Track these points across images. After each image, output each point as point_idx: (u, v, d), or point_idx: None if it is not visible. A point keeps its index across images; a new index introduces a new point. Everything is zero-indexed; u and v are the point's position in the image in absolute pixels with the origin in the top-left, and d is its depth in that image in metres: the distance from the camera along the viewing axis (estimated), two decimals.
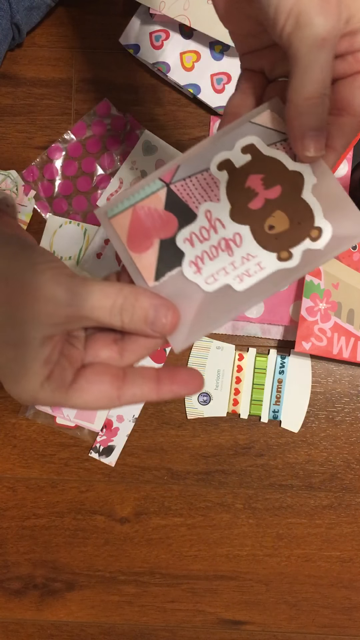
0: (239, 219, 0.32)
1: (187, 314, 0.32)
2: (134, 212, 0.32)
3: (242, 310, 0.32)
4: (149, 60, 0.61)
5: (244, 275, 0.32)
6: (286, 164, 0.32)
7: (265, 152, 0.32)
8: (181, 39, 0.61)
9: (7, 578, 0.64)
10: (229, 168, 0.32)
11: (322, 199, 0.31)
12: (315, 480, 0.63)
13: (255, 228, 0.32)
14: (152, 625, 0.64)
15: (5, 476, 0.63)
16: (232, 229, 0.32)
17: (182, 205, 0.32)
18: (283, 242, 0.32)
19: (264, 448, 0.63)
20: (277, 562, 0.63)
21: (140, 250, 0.32)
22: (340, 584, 0.63)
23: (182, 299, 0.32)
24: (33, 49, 0.64)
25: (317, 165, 0.32)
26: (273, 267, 0.32)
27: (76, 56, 0.64)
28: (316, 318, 0.60)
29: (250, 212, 0.32)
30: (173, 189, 0.32)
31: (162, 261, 0.32)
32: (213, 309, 0.32)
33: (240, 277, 0.32)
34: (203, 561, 0.63)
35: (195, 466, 0.63)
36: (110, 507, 0.63)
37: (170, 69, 0.61)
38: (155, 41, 0.61)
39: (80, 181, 0.63)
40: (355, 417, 0.63)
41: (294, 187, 0.32)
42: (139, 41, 0.61)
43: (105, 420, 0.62)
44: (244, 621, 0.64)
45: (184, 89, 0.62)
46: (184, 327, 0.32)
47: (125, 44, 0.62)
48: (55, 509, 0.63)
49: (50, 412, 0.62)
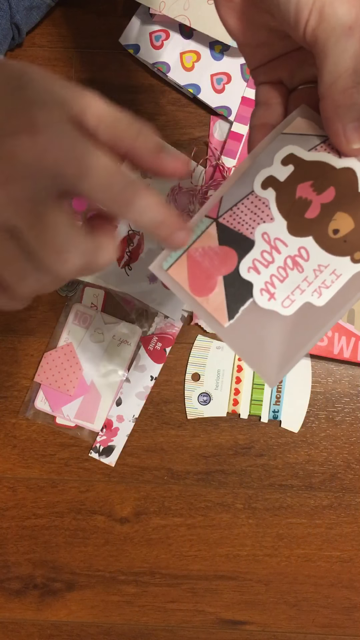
0: (299, 232, 0.30)
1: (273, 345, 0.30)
2: (189, 257, 0.31)
3: (330, 325, 0.30)
4: (149, 60, 0.61)
5: (321, 288, 0.30)
6: (332, 163, 0.30)
7: (307, 158, 0.31)
8: (181, 39, 0.61)
9: (7, 578, 0.64)
10: (274, 184, 0.31)
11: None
12: (315, 480, 0.63)
13: (319, 237, 0.30)
14: (152, 625, 0.64)
15: (5, 476, 0.63)
16: (294, 244, 0.30)
17: (237, 235, 0.31)
18: (354, 243, 0.30)
19: (264, 448, 0.63)
20: (277, 562, 0.63)
21: (206, 293, 0.30)
22: (340, 584, 0.63)
23: (263, 330, 0.30)
24: (33, 49, 0.64)
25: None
26: (351, 272, 0.30)
27: (76, 56, 0.64)
28: None
29: (308, 222, 0.30)
30: (222, 222, 0.31)
31: (231, 297, 0.30)
32: (299, 332, 0.30)
33: (318, 291, 0.30)
34: (203, 561, 0.63)
35: (195, 466, 0.63)
36: (110, 507, 0.63)
37: (170, 69, 0.61)
38: (155, 41, 0.61)
39: None
40: (355, 417, 0.63)
41: (348, 184, 0.30)
42: (139, 41, 0.61)
43: (105, 420, 0.62)
44: (244, 621, 0.64)
45: (184, 89, 0.62)
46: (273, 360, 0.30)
47: (125, 44, 0.62)
48: (55, 509, 0.63)
49: (50, 412, 0.63)
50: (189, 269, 0.31)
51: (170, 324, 0.63)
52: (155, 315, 0.63)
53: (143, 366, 0.63)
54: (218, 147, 0.63)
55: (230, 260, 0.31)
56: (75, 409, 0.62)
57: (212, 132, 0.63)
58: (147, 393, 0.63)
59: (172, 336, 0.63)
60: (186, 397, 0.63)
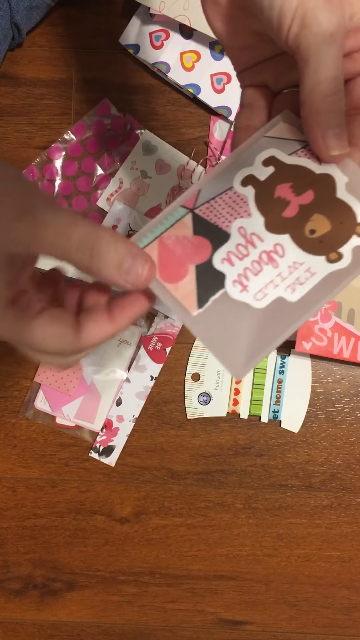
0: (276, 229, 0.31)
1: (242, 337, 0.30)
2: (160, 243, 0.31)
3: (301, 321, 0.30)
4: (149, 60, 0.61)
5: (295, 285, 0.30)
6: (312, 168, 0.31)
7: (287, 161, 0.31)
8: (181, 39, 0.61)
9: (7, 578, 0.64)
10: (253, 183, 0.31)
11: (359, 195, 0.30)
12: (315, 480, 0.63)
13: (295, 235, 0.30)
14: (152, 625, 0.64)
15: (5, 476, 0.63)
16: (271, 240, 0.30)
17: (212, 226, 0.31)
18: (329, 244, 0.30)
19: (264, 448, 0.63)
20: (277, 562, 0.63)
21: (176, 280, 0.30)
22: (340, 584, 0.63)
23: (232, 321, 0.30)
24: (33, 49, 0.64)
25: (345, 165, 0.31)
26: (325, 271, 0.30)
27: (76, 56, 0.64)
28: (317, 318, 0.60)
29: (286, 220, 0.31)
30: (198, 213, 0.31)
31: (202, 286, 0.30)
32: (270, 326, 0.30)
33: (291, 287, 0.30)
34: (203, 561, 0.63)
35: (195, 466, 0.63)
36: (110, 507, 0.63)
37: (170, 69, 0.61)
38: (155, 41, 0.61)
39: (80, 181, 0.63)
40: (355, 417, 0.63)
41: (327, 189, 0.31)
42: (139, 41, 0.61)
43: (105, 420, 0.62)
44: (244, 621, 0.64)
45: (184, 89, 0.62)
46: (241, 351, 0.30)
47: (125, 44, 0.62)
48: (55, 509, 0.63)
49: (50, 412, 0.63)
50: (160, 254, 0.31)
51: (170, 324, 0.63)
52: (155, 315, 0.63)
53: (143, 366, 0.63)
54: (218, 147, 0.63)
55: (204, 250, 0.31)
56: (75, 409, 0.62)
57: (212, 132, 0.63)
58: (147, 393, 0.63)
59: (172, 336, 0.63)
60: (186, 397, 0.63)
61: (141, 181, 0.63)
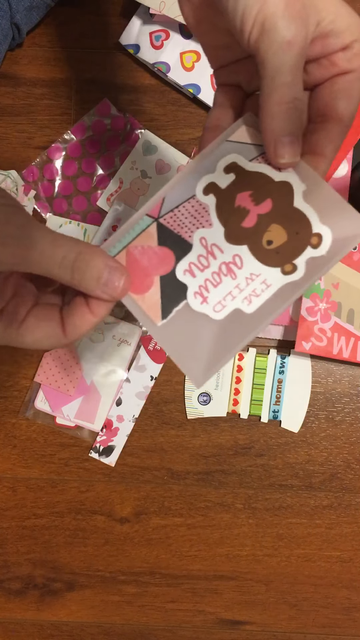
0: (235, 240, 0.31)
1: (202, 347, 0.31)
2: (128, 254, 0.31)
3: (256, 332, 0.31)
4: (149, 60, 0.61)
5: (251, 296, 0.31)
6: (272, 176, 0.31)
7: (248, 168, 0.31)
8: (181, 39, 0.61)
9: (7, 578, 0.64)
10: (215, 191, 0.32)
11: (316, 204, 0.31)
12: (315, 480, 0.63)
13: (253, 246, 0.31)
14: (152, 625, 0.64)
15: (5, 476, 0.63)
16: (230, 251, 0.31)
17: (175, 237, 0.31)
18: (285, 255, 0.31)
19: (264, 448, 0.63)
20: (277, 562, 0.63)
21: (142, 290, 0.31)
22: (340, 584, 0.63)
23: (193, 332, 0.31)
24: (33, 49, 0.64)
25: (304, 172, 0.31)
26: (279, 283, 0.31)
27: (76, 56, 0.64)
28: (316, 318, 0.60)
29: (245, 231, 0.31)
30: (163, 222, 0.32)
31: (166, 297, 0.31)
32: (227, 336, 0.31)
33: (248, 299, 0.31)
34: (203, 561, 0.63)
35: (195, 466, 0.63)
36: (110, 507, 0.63)
37: (170, 69, 0.61)
38: (155, 41, 0.61)
39: (80, 181, 0.63)
40: (355, 417, 0.63)
41: (285, 197, 0.31)
42: (139, 41, 0.61)
43: (105, 420, 0.62)
44: (244, 621, 0.64)
45: (184, 89, 0.62)
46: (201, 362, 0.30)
47: (125, 44, 0.62)
48: (55, 509, 0.63)
49: (50, 412, 0.63)
50: (127, 265, 0.32)
51: None
52: None
53: (143, 366, 0.63)
54: None
55: (168, 261, 0.31)
56: (75, 409, 0.62)
57: None
58: (147, 393, 0.63)
59: None
60: (186, 397, 0.63)
61: (141, 181, 0.63)
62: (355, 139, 0.62)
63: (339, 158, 0.62)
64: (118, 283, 0.29)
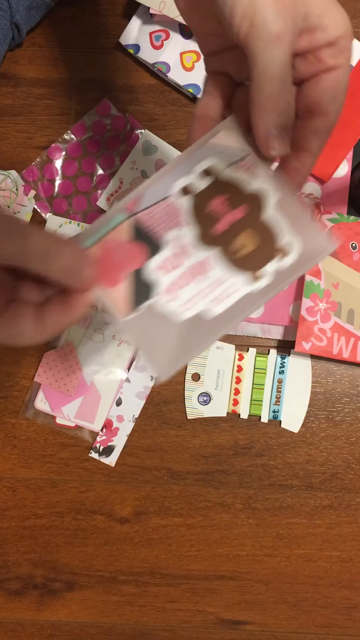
0: (208, 243, 0.32)
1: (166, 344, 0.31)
2: (101, 247, 0.32)
3: (220, 334, 0.31)
4: (149, 60, 0.61)
5: (218, 299, 0.31)
6: (248, 182, 0.32)
7: (226, 172, 0.32)
8: (181, 39, 0.61)
9: (7, 578, 0.64)
10: (191, 193, 0.32)
11: (287, 215, 0.31)
12: (315, 480, 0.63)
13: (224, 250, 0.31)
14: (152, 625, 0.64)
15: (5, 476, 0.63)
16: (201, 253, 0.32)
17: (149, 234, 0.32)
18: (253, 263, 0.31)
19: (264, 448, 0.63)
20: (277, 562, 0.63)
21: (114, 283, 0.32)
22: (340, 584, 0.63)
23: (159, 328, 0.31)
24: (33, 49, 0.64)
25: (279, 183, 0.31)
26: (246, 288, 0.31)
27: (76, 56, 0.64)
28: (316, 318, 0.60)
29: (217, 234, 0.32)
30: (138, 218, 0.32)
31: (137, 293, 0.32)
32: (192, 335, 0.31)
33: (216, 301, 0.31)
34: (203, 561, 0.63)
35: (195, 466, 0.63)
36: (110, 507, 0.63)
37: (170, 69, 0.61)
38: (155, 41, 0.61)
39: (80, 181, 0.63)
40: (355, 417, 0.63)
41: (258, 206, 0.31)
42: (139, 41, 0.61)
43: (105, 420, 0.62)
44: (244, 621, 0.64)
45: (184, 89, 0.62)
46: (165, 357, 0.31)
47: (125, 44, 0.62)
48: (55, 509, 0.63)
49: (50, 412, 0.63)
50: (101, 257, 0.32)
51: None
52: None
53: (143, 366, 0.63)
54: None
55: (141, 257, 0.32)
56: (75, 409, 0.62)
57: None
58: (147, 393, 0.63)
59: None
60: (186, 397, 0.63)
61: (141, 181, 0.63)
62: (355, 139, 0.62)
63: (339, 158, 0.62)
64: (86, 272, 0.29)
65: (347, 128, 0.62)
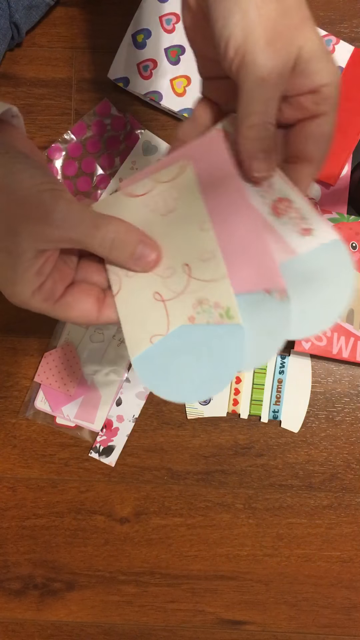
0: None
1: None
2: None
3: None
4: (140, 91, 0.61)
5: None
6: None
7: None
8: (169, 66, 0.61)
9: (7, 578, 0.64)
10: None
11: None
12: (315, 480, 0.63)
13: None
14: (152, 625, 0.64)
15: (5, 476, 0.63)
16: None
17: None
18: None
19: (264, 448, 0.63)
20: (277, 562, 0.63)
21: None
22: (340, 584, 0.63)
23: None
24: (33, 49, 0.64)
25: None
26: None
27: (76, 56, 0.64)
28: None
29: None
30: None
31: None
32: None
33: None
34: (203, 561, 0.63)
35: (195, 466, 0.63)
36: (110, 507, 0.63)
37: (163, 97, 0.61)
38: (144, 71, 0.61)
39: (80, 181, 0.63)
40: (355, 417, 0.63)
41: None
42: (127, 73, 0.61)
43: (105, 420, 0.62)
44: (244, 621, 0.64)
45: (179, 115, 0.62)
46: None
47: (114, 77, 0.62)
48: (55, 509, 0.63)
49: (50, 412, 0.62)
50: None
51: None
52: None
53: None
54: None
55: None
56: (75, 409, 0.62)
57: None
58: (147, 393, 0.63)
59: None
60: None
61: None
62: (355, 140, 0.62)
63: (341, 161, 0.62)
64: (150, 258, 0.33)
65: (348, 129, 0.62)
